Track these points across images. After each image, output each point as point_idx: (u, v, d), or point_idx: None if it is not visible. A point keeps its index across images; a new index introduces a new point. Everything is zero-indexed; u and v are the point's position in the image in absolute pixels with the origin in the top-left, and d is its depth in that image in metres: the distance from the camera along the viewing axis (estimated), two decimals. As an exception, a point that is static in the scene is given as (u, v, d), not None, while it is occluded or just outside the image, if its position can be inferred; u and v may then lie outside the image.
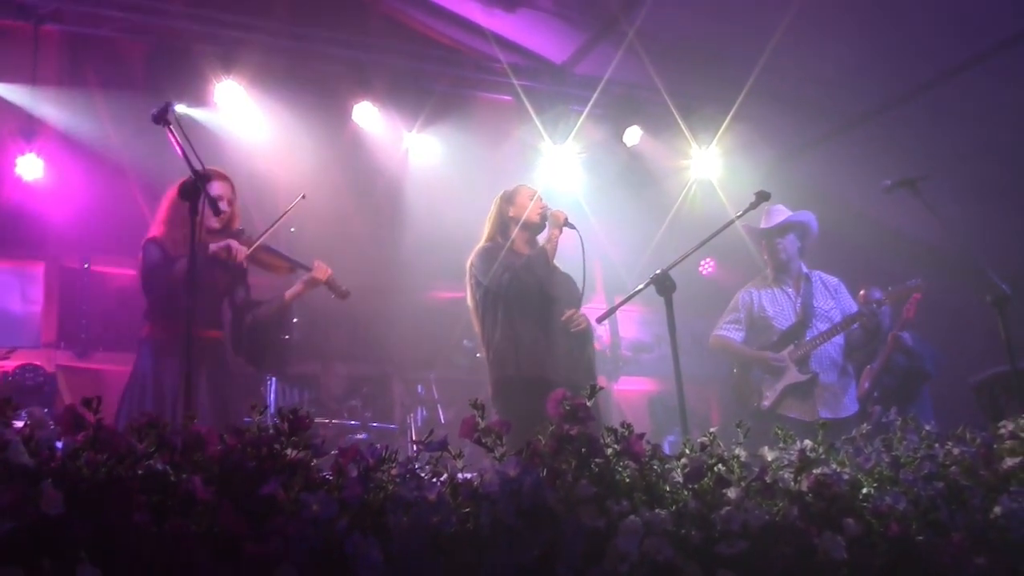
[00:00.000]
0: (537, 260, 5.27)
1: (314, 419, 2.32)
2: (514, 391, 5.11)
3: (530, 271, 5.24)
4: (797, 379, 6.17)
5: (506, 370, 5.19)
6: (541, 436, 2.41)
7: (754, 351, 6.41)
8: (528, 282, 5.23)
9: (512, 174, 8.72)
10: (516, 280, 5.24)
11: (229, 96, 7.73)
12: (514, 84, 8.74)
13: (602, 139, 9.15)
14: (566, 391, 2.47)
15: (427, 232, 8.34)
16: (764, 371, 6.31)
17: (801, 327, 6.30)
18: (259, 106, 7.89)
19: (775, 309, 6.42)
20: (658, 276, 4.43)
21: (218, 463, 2.16)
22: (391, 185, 8.92)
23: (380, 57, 8.54)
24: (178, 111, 7.26)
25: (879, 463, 2.82)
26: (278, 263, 5.21)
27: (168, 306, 4.84)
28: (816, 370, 6.16)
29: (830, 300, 6.40)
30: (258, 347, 5.20)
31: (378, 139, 8.67)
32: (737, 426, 2.71)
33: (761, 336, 6.44)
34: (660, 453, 2.54)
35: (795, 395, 6.17)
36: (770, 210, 6.51)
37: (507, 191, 5.65)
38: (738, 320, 6.52)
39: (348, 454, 2.26)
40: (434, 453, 2.37)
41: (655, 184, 9.40)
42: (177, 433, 2.19)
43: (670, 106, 8.64)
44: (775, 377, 6.24)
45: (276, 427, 2.26)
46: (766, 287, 6.53)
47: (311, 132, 8.05)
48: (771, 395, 6.22)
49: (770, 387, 6.25)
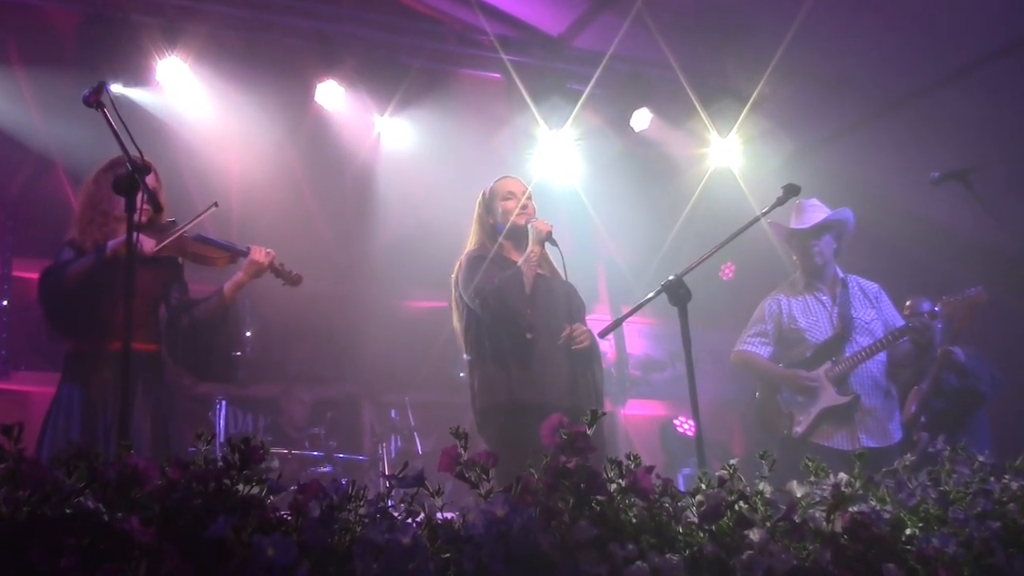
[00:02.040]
0: (508, 286, 5.21)
1: (270, 449, 2.32)
2: (507, 420, 5.11)
3: (500, 299, 5.19)
4: (835, 401, 6.12)
5: (497, 397, 5.17)
6: (533, 469, 2.41)
7: (784, 369, 6.37)
8: (498, 311, 5.23)
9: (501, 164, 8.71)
10: (486, 308, 5.24)
11: (173, 74, 7.74)
12: (503, 60, 8.75)
13: (605, 124, 9.17)
14: (563, 417, 2.47)
15: (402, 231, 8.35)
16: (795, 392, 6.28)
17: (839, 341, 6.27)
18: (208, 86, 7.90)
19: (808, 320, 6.40)
20: (671, 283, 4.44)
21: (159, 501, 2.16)
22: (360, 177, 8.93)
23: (348, 28, 8.55)
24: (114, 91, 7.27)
25: (925, 499, 2.82)
26: (214, 253, 5.18)
27: (92, 317, 4.81)
28: (857, 391, 6.14)
29: (870, 309, 6.38)
30: (198, 352, 5.17)
31: (345, 124, 8.68)
32: (761, 457, 2.71)
33: (792, 351, 6.42)
34: (673, 489, 2.54)
35: (832, 420, 6.13)
36: (803, 206, 6.50)
37: (490, 187, 5.64)
38: (764, 333, 6.50)
39: (309, 490, 2.26)
40: (409, 489, 2.37)
41: (667, 176, 9.43)
42: (111, 465, 2.19)
43: (684, 86, 8.67)
44: (809, 399, 6.21)
45: (226, 459, 2.25)
46: (797, 295, 6.50)
47: (268, 116, 8.08)
48: (804, 420, 6.18)
49: (803, 411, 6.21)
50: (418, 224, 8.33)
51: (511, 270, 5.30)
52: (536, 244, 5.29)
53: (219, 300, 5.17)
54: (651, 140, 9.25)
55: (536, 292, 5.25)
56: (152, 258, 4.94)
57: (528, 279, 5.21)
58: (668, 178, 9.44)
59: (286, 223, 7.55)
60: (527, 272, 5.21)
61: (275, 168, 7.86)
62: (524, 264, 5.25)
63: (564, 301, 5.38)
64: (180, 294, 5.22)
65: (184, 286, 5.28)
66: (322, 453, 7.84)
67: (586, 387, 5.21)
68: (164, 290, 5.18)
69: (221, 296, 5.16)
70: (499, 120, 9.14)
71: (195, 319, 5.14)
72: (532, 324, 5.20)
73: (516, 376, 5.16)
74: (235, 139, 8.06)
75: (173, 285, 5.22)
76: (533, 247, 5.29)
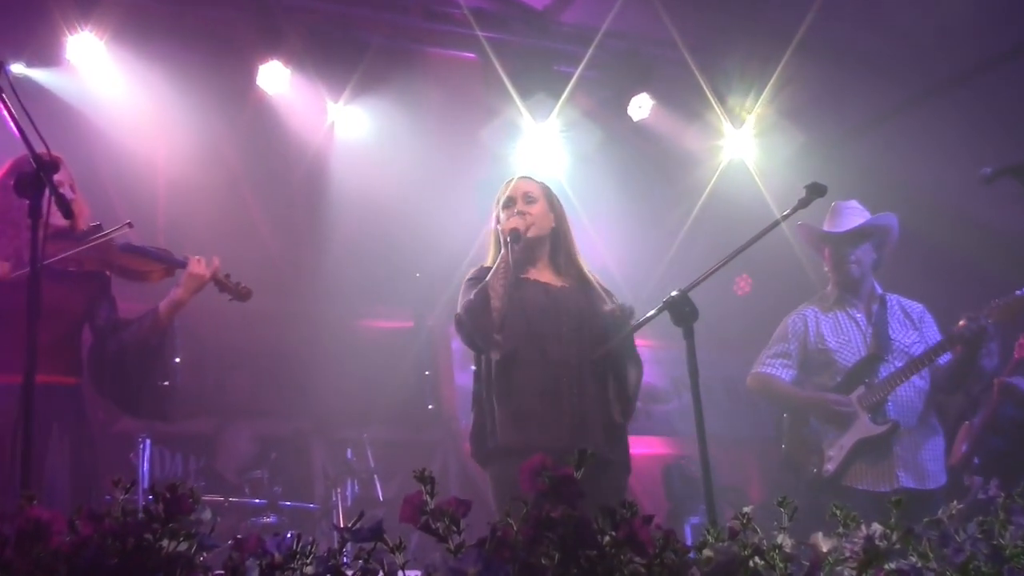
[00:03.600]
0: (474, 303, 5.10)
1: (202, 497, 2.31)
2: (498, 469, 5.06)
3: (473, 318, 5.09)
4: (870, 432, 6.15)
5: (485, 441, 5.14)
6: (511, 519, 2.41)
7: (810, 393, 6.42)
8: (468, 335, 5.18)
9: (476, 160, 8.75)
10: (461, 333, 5.20)
11: (87, 53, 7.70)
12: (478, 36, 8.75)
13: (598, 111, 9.19)
14: (545, 457, 2.46)
15: (361, 238, 8.35)
16: (824, 420, 6.29)
17: (873, 363, 6.30)
18: (128, 68, 7.85)
19: (839, 339, 6.41)
20: (674, 299, 4.44)
21: (66, 560, 2.15)
22: (311, 175, 8.93)
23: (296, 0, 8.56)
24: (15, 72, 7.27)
25: (975, 556, 2.82)
26: (146, 265, 5.13)
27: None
28: (895, 419, 6.15)
29: (912, 331, 6.42)
30: (128, 383, 5.11)
31: (293, 112, 8.66)
32: (780, 504, 2.72)
33: (819, 375, 6.45)
34: (676, 542, 2.54)
35: (867, 455, 6.16)
36: (839, 208, 6.51)
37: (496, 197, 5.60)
38: (787, 353, 6.51)
39: (248, 546, 2.25)
40: (366, 543, 2.36)
41: (670, 173, 9.47)
42: (9, 518, 2.18)
43: (691, 66, 8.69)
44: (840, 429, 6.22)
45: (148, 509, 2.24)
46: (827, 310, 6.52)
47: (200, 103, 8.06)
48: (836, 455, 6.19)
49: (833, 444, 6.22)
50: (380, 230, 8.33)
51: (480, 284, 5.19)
52: (504, 248, 5.19)
53: (153, 321, 5.11)
54: (652, 130, 9.27)
55: (524, 306, 5.19)
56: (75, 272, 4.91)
57: (495, 292, 5.09)
58: (672, 175, 9.47)
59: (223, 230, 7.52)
60: (492, 283, 5.10)
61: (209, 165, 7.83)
62: (492, 276, 5.15)
63: (573, 315, 5.28)
64: (107, 314, 5.18)
65: (112, 304, 5.22)
66: (265, 501, 7.83)
67: (599, 424, 5.10)
68: (88, 309, 5.14)
69: (156, 317, 5.10)
70: (474, 108, 9.13)
71: (125, 344, 5.09)
72: (499, 343, 5.10)
73: (502, 415, 5.14)
74: (161, 130, 8.03)
75: (99, 303, 5.17)
76: (502, 254, 5.19)
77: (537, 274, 5.39)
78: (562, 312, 5.26)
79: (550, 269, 5.45)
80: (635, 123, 9.17)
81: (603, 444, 4.99)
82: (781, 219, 4.83)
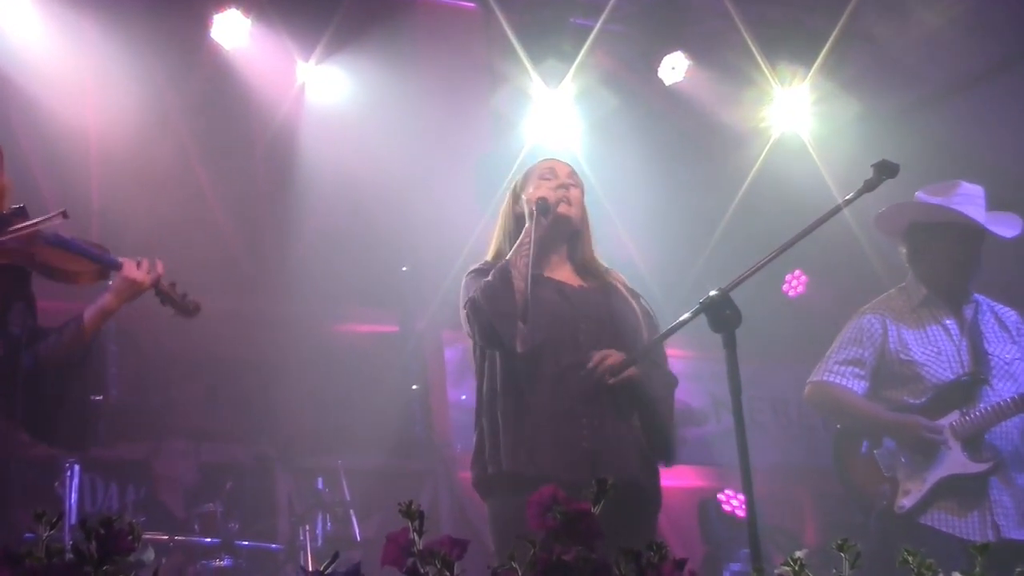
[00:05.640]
0: (494, 285, 5.05)
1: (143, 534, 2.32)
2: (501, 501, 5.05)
3: (492, 301, 5.01)
4: (964, 469, 6.05)
5: (486, 466, 5.13)
6: (515, 563, 2.41)
7: (891, 413, 6.31)
8: (485, 325, 5.13)
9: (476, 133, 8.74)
10: (475, 321, 5.11)
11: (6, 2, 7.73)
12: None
13: (623, 74, 9.20)
14: (557, 490, 2.47)
15: (335, 225, 8.37)
16: (907, 446, 6.18)
17: (972, 385, 6.22)
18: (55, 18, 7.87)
19: (926, 351, 6.32)
20: (713, 300, 4.41)
21: (-21, 610, 2.16)
22: (276, 148, 8.95)
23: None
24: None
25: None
26: (75, 265, 5.05)
27: None
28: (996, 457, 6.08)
29: (1009, 344, 6.37)
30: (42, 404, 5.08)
31: (255, 72, 8.71)
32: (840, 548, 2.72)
33: (898, 391, 6.35)
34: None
35: (956, 495, 6.04)
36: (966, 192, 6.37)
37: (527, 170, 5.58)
38: (860, 360, 6.40)
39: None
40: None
41: (709, 148, 9.47)
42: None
43: (735, 20, 8.70)
44: (925, 460, 6.11)
45: (78, 548, 2.24)
46: (909, 313, 6.48)
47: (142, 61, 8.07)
48: (915, 490, 6.08)
49: (914, 477, 6.11)
50: (359, 215, 8.34)
51: (502, 263, 5.13)
52: (528, 221, 5.16)
53: (76, 333, 5.08)
54: (687, 96, 9.30)
55: (541, 302, 5.10)
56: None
57: (519, 271, 5.04)
58: (711, 151, 9.49)
59: (169, 215, 7.55)
60: (516, 262, 5.06)
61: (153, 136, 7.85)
62: (514, 253, 5.10)
63: (593, 321, 5.21)
64: (23, 319, 5.09)
65: (30, 307, 5.13)
66: (218, 539, 7.82)
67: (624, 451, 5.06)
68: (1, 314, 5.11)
69: (79, 327, 5.07)
70: (473, 69, 9.16)
71: (40, 359, 5.06)
72: (523, 333, 5.01)
73: (508, 435, 5.10)
74: (95, 93, 8.05)
75: (13, 305, 5.09)
76: (526, 227, 5.16)
77: (552, 270, 5.32)
78: (580, 317, 5.20)
79: (568, 265, 5.41)
80: (667, 88, 9.19)
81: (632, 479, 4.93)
82: (843, 204, 4.80)
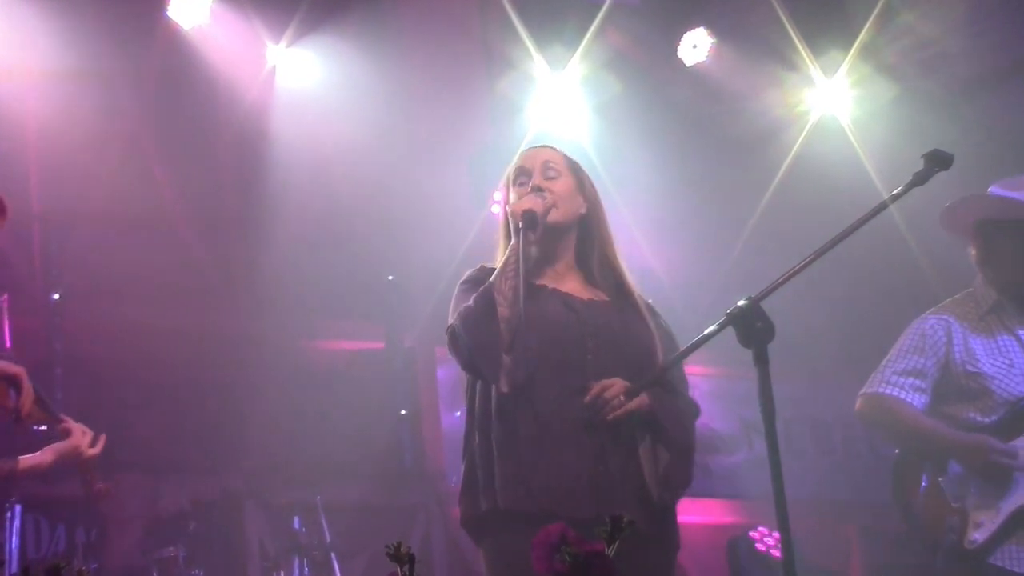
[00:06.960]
0: (475, 311, 5.07)
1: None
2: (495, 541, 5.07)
3: (472, 331, 5.04)
4: None
5: (478, 503, 5.10)
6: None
7: (957, 432, 6.29)
8: (467, 356, 5.10)
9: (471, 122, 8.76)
10: (456, 351, 5.13)
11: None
12: (472, -48, 8.85)
13: (637, 53, 9.21)
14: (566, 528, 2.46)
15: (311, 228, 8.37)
16: (976, 472, 6.16)
17: None
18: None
19: (996, 363, 6.35)
20: (742, 310, 4.38)
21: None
22: (244, 141, 8.97)
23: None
24: None
25: None
26: None
27: None
28: None
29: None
30: None
31: (218, 55, 8.73)
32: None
33: (966, 406, 6.37)
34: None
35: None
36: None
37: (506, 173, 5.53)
38: (922, 372, 6.41)
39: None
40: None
41: (736, 137, 9.48)
42: None
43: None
44: (998, 488, 6.12)
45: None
46: (977, 322, 6.48)
47: (90, 39, 8.07)
48: (988, 522, 6.07)
49: (985, 507, 6.10)
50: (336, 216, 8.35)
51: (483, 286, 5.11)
52: (514, 237, 5.13)
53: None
54: (710, 78, 9.32)
55: (536, 324, 5.05)
56: None
57: (503, 296, 5.04)
58: (738, 140, 9.49)
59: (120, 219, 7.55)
60: (498, 284, 5.07)
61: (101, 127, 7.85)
62: (498, 275, 5.11)
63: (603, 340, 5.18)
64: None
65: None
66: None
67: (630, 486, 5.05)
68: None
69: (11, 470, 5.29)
70: (468, 49, 9.18)
71: None
72: (508, 367, 5.01)
73: (503, 467, 5.06)
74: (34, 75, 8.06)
75: None
76: (511, 244, 5.14)
77: (556, 280, 5.28)
78: (587, 334, 5.17)
79: (575, 274, 5.37)
80: (688, 69, 9.20)
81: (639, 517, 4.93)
82: (889, 200, 4.79)
